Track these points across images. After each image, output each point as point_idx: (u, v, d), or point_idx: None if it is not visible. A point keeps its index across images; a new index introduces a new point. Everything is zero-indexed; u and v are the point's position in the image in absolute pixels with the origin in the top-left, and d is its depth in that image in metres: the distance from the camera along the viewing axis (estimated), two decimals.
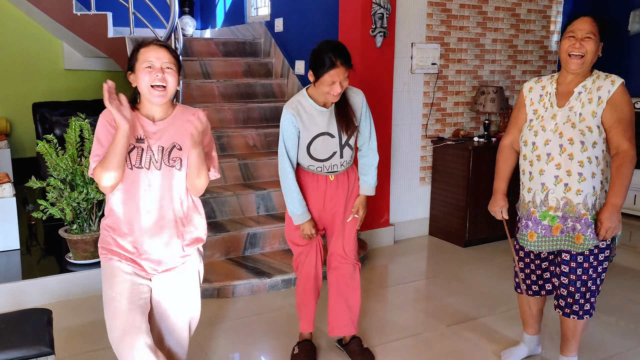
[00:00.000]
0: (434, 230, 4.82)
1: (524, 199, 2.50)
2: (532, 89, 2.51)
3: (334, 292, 2.78)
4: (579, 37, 2.29)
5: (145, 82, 1.99)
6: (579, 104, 2.33)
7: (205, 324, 3.19)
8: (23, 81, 6.56)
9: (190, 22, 7.04)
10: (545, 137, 2.37)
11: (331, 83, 2.39)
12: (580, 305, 2.45)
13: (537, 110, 2.45)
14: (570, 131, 2.31)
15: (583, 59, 2.30)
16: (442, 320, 3.30)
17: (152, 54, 2.00)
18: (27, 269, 3.66)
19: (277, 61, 5.55)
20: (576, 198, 2.32)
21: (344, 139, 2.54)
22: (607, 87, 2.30)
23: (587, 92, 2.34)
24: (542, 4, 5.07)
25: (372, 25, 4.17)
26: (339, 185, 2.65)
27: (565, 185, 2.33)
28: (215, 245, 3.86)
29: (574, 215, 2.34)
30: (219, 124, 4.84)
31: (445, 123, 4.79)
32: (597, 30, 2.29)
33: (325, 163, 2.56)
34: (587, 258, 2.38)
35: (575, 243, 2.36)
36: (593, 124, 2.30)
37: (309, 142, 2.52)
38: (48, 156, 3.42)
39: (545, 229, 2.41)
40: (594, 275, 2.40)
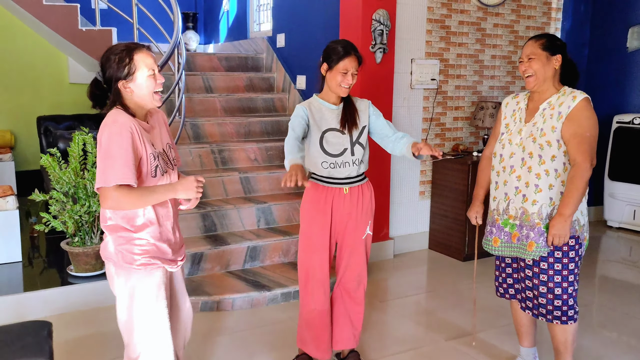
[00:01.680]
0: (433, 244, 4.84)
1: (490, 207, 2.66)
2: (508, 104, 2.68)
3: (338, 306, 2.80)
4: (524, 60, 2.48)
5: (149, 89, 2.03)
6: (542, 120, 2.46)
7: (204, 337, 3.21)
8: (28, 94, 6.64)
9: (193, 37, 7.14)
10: (510, 150, 2.54)
11: (344, 72, 2.51)
12: (547, 311, 2.52)
13: (508, 124, 2.62)
14: (531, 145, 2.46)
15: (534, 77, 2.46)
16: (441, 334, 3.31)
17: (150, 60, 2.04)
18: (29, 281, 3.69)
19: (279, 76, 5.61)
20: (532, 208, 2.46)
21: (355, 137, 2.61)
22: (568, 103, 2.41)
23: (550, 108, 2.46)
24: (541, 21, 5.13)
25: (372, 41, 4.23)
26: (352, 199, 2.67)
27: (523, 196, 2.48)
28: (216, 258, 3.89)
29: (528, 224, 2.47)
30: (221, 138, 4.89)
31: (445, 138, 4.83)
32: (541, 48, 2.45)
33: (337, 159, 2.59)
34: (552, 265, 2.47)
35: (527, 250, 2.49)
36: (552, 139, 2.41)
37: (320, 135, 2.58)
38: (51, 169, 3.47)
39: (507, 235, 2.56)
40: (558, 280, 2.47)
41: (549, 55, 2.44)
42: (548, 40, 2.47)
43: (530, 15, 5.06)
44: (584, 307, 3.68)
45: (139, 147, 2.00)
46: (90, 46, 5.58)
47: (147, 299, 2.08)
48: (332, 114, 2.61)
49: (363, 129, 2.64)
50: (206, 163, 4.59)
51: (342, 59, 2.51)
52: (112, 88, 2.03)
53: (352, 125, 2.60)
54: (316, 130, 2.59)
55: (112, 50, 2.04)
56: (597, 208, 5.85)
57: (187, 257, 3.78)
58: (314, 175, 2.68)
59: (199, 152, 4.56)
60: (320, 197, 2.65)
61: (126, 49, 2.03)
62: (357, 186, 2.68)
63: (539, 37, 2.51)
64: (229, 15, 6.75)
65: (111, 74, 2.02)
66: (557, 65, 2.46)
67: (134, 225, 2.07)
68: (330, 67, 2.55)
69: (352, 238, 2.72)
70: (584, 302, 3.77)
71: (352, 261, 2.75)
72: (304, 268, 2.73)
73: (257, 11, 6.20)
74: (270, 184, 4.57)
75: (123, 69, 2.00)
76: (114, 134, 1.94)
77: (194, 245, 3.88)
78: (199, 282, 3.74)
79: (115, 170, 1.91)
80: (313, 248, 2.69)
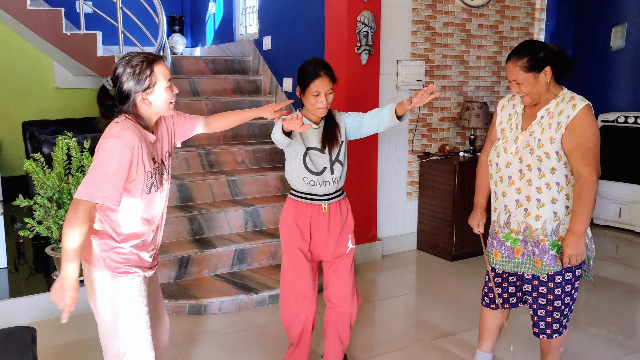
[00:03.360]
0: (421, 244, 4.86)
1: (492, 217, 2.55)
2: (504, 107, 2.53)
3: (329, 324, 2.76)
4: (512, 81, 2.32)
5: (167, 99, 2.03)
6: (539, 129, 2.32)
7: (191, 341, 3.20)
8: (13, 100, 6.58)
9: (180, 40, 7.11)
10: (506, 160, 2.40)
11: (316, 94, 2.46)
12: (547, 324, 2.43)
13: (504, 129, 2.47)
14: (529, 157, 2.32)
15: (528, 96, 2.32)
16: (428, 333, 3.32)
17: (167, 71, 2.03)
18: (14, 287, 3.65)
19: (266, 78, 5.61)
20: (535, 223, 2.34)
21: (334, 155, 2.59)
22: (568, 112, 2.26)
23: (548, 117, 2.31)
24: (525, 22, 5.17)
25: (358, 43, 4.24)
26: (331, 217, 2.65)
27: (525, 210, 2.36)
28: (203, 261, 3.88)
29: (532, 240, 2.37)
30: (207, 141, 4.87)
31: (432, 138, 4.86)
32: (525, 71, 2.27)
33: (318, 177, 2.59)
34: (552, 277, 2.37)
35: (535, 267, 2.39)
36: (551, 150, 2.28)
37: (304, 152, 2.56)
38: (35, 175, 3.44)
39: (508, 250, 2.45)
40: (560, 293, 2.38)
41: (535, 74, 2.27)
42: (530, 59, 2.26)
43: (514, 15, 5.10)
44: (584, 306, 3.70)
45: (135, 167, 1.95)
46: (75, 50, 5.55)
47: (128, 304, 2.07)
48: (314, 133, 2.57)
49: (341, 144, 2.61)
50: (193, 166, 4.57)
51: (313, 81, 2.45)
52: (127, 100, 1.98)
53: (332, 144, 2.57)
54: (300, 146, 2.56)
55: (129, 61, 1.98)
56: None
57: (174, 261, 3.76)
58: (293, 191, 2.67)
59: (186, 156, 4.55)
60: (297, 214, 2.64)
61: (146, 61, 1.98)
62: (335, 202, 2.66)
63: (518, 56, 2.28)
64: (215, 18, 6.74)
65: (130, 86, 1.96)
66: (548, 78, 2.29)
67: (121, 234, 2.06)
68: (302, 90, 2.51)
69: (334, 255, 2.69)
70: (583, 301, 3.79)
71: (338, 279, 2.70)
72: (291, 288, 2.69)
73: (244, 14, 6.19)
74: (257, 186, 4.57)
75: (144, 82, 1.97)
76: (115, 151, 1.88)
77: (181, 248, 3.86)
78: (186, 285, 3.72)
79: (104, 190, 1.88)
80: (297, 267, 2.66)
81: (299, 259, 2.65)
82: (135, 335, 2.09)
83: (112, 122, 1.98)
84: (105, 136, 1.94)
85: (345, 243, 2.70)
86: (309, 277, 2.67)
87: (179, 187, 4.27)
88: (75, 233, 1.91)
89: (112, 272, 2.06)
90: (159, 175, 2.10)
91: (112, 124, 1.97)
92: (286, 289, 2.73)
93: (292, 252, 2.67)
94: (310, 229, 2.64)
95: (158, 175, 2.09)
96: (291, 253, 2.67)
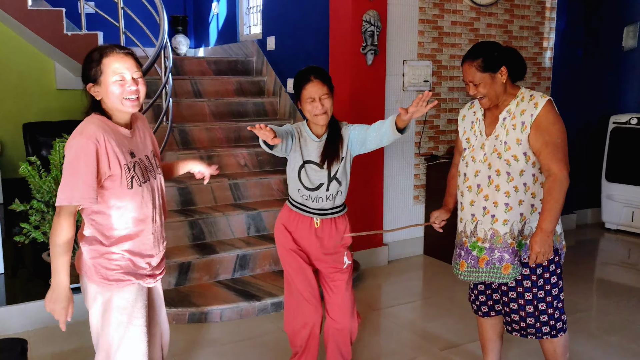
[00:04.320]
0: (428, 249, 4.74)
1: (458, 228, 2.48)
2: (465, 117, 2.49)
3: (329, 339, 2.67)
4: (468, 83, 2.29)
5: (115, 95, 1.91)
6: (504, 132, 2.28)
7: (191, 350, 3.10)
8: (15, 101, 6.50)
9: (183, 41, 7.03)
10: (475, 168, 2.35)
11: (311, 100, 2.37)
12: (536, 329, 2.39)
13: (469, 138, 2.42)
14: (497, 162, 2.28)
15: (486, 98, 2.28)
16: (435, 344, 3.21)
17: (119, 64, 1.90)
18: (10, 294, 3.56)
19: (269, 79, 5.51)
20: (503, 228, 2.29)
21: (333, 172, 2.47)
22: (530, 111, 2.22)
23: (511, 118, 2.27)
24: (535, 21, 5.05)
25: (363, 43, 4.13)
26: (325, 234, 2.54)
27: (492, 217, 2.30)
28: (204, 267, 3.78)
29: (501, 245, 2.30)
30: (210, 144, 4.78)
31: (439, 141, 4.74)
32: (480, 71, 2.24)
33: (312, 193, 2.48)
34: (535, 282, 2.33)
35: (503, 273, 2.31)
36: (519, 152, 2.24)
37: (301, 164, 2.46)
38: (31, 178, 3.36)
39: (474, 259, 2.37)
40: (543, 296, 2.34)
41: (492, 74, 2.24)
42: (484, 59, 2.23)
43: (524, 15, 4.98)
44: (582, 312, 3.59)
45: (105, 160, 1.87)
46: (76, 51, 5.47)
47: (121, 315, 1.97)
48: (315, 146, 2.47)
49: (342, 160, 2.48)
50: None
51: (304, 87, 2.38)
52: (85, 91, 1.95)
53: (331, 159, 2.45)
54: (298, 158, 2.47)
55: (90, 51, 1.95)
56: (595, 210, 5.76)
57: (174, 267, 3.67)
58: (289, 198, 2.59)
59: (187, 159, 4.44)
60: (289, 223, 2.56)
61: (98, 51, 1.93)
62: (330, 219, 2.55)
63: (473, 57, 2.26)
64: (218, 18, 6.65)
65: (84, 77, 1.94)
66: (504, 78, 2.26)
67: (111, 237, 1.96)
68: (298, 98, 2.43)
69: (328, 271, 2.60)
70: (581, 307, 3.68)
71: (335, 296, 2.60)
72: (296, 293, 2.62)
73: (247, 14, 6.10)
74: (260, 190, 4.47)
75: (90, 72, 1.91)
76: (80, 148, 1.84)
77: (182, 254, 3.76)
78: (187, 292, 3.62)
79: (79, 189, 1.82)
80: (298, 271, 2.59)
81: (297, 261, 2.57)
82: (126, 350, 2.00)
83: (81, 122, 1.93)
84: (70, 137, 1.89)
85: (340, 259, 2.59)
86: (310, 280, 2.58)
87: (179, 190, 4.17)
88: (61, 241, 1.85)
89: (104, 281, 1.97)
90: (139, 169, 1.99)
91: (78, 126, 1.92)
92: (290, 297, 2.64)
93: (289, 256, 2.58)
94: (302, 241, 2.56)
95: (139, 169, 1.99)
96: (289, 258, 2.59)
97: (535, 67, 5.16)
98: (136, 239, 2.00)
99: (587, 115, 5.48)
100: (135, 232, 2.00)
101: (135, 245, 2.01)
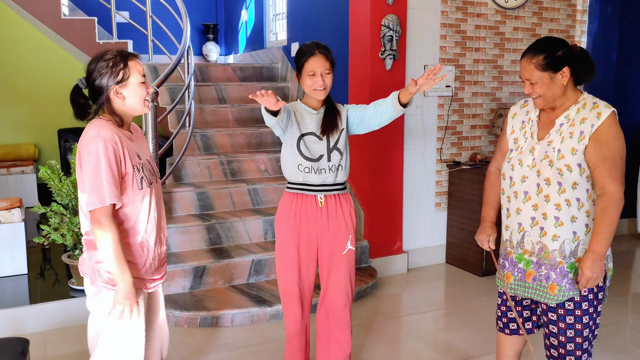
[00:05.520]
0: (450, 258, 4.63)
1: (503, 236, 2.29)
2: (515, 114, 2.29)
3: (322, 329, 2.64)
4: (525, 80, 2.10)
5: (141, 95, 2.00)
6: (559, 138, 2.08)
7: (200, 354, 3.10)
8: (51, 108, 6.73)
9: (214, 49, 7.14)
10: (522, 173, 2.14)
11: (312, 73, 2.39)
12: (575, 357, 2.16)
13: (517, 139, 2.23)
14: (548, 170, 2.07)
15: (541, 98, 2.09)
16: (447, 356, 3.11)
17: (141, 67, 2.01)
18: (32, 294, 3.66)
19: (294, 85, 5.52)
20: (552, 244, 2.08)
21: (332, 142, 2.47)
22: (592, 121, 2.03)
23: (569, 125, 2.08)
24: (565, 24, 4.89)
25: (382, 47, 4.08)
26: (330, 213, 2.51)
27: (541, 229, 2.10)
28: (219, 272, 3.79)
29: (548, 262, 2.10)
30: (231, 149, 4.81)
31: (462, 147, 4.63)
32: (540, 70, 2.04)
33: (314, 164, 2.46)
34: (579, 304, 2.10)
35: (549, 293, 2.11)
36: (573, 163, 2.04)
37: (299, 137, 2.46)
38: (50, 182, 3.44)
39: (521, 272, 2.19)
40: (587, 321, 2.12)
41: (552, 74, 2.04)
42: (546, 57, 2.03)
43: (553, 17, 4.83)
44: (614, 326, 3.42)
45: (122, 161, 1.94)
46: None
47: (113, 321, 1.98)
48: (312, 118, 2.49)
49: (341, 132, 2.50)
50: (215, 174, 4.51)
51: (307, 61, 2.40)
52: (100, 95, 1.96)
53: (331, 129, 2.47)
54: (295, 132, 2.46)
55: (102, 56, 1.98)
56: (631, 220, 5.51)
57: (189, 270, 3.69)
58: (288, 184, 2.56)
59: (208, 164, 4.49)
60: (292, 208, 2.52)
61: (119, 55, 1.99)
62: (334, 195, 2.52)
63: (534, 53, 2.06)
64: (247, 25, 6.72)
65: (104, 80, 1.95)
66: (566, 80, 2.05)
67: None
68: (299, 72, 2.45)
69: (330, 254, 2.56)
70: (615, 320, 3.51)
71: (333, 279, 2.58)
72: (281, 284, 2.62)
73: (274, 20, 6.14)
74: (279, 195, 4.46)
75: (117, 74, 1.95)
76: (102, 151, 1.88)
77: (197, 258, 3.79)
78: (200, 296, 3.64)
79: (109, 190, 1.88)
80: (286, 263, 2.57)
81: (287, 253, 2.54)
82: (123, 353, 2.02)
83: (87, 126, 1.95)
84: (84, 143, 1.92)
85: (343, 244, 2.54)
86: (295, 273, 2.55)
87: (198, 195, 4.21)
88: (109, 243, 1.89)
89: (106, 285, 1.99)
90: (147, 170, 2.05)
91: (87, 128, 1.95)
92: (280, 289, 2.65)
93: (282, 245, 2.57)
94: (304, 224, 2.51)
95: (146, 170, 2.05)
96: (281, 246, 2.57)
97: None
98: (139, 241, 2.03)
99: (622, 122, 5.21)
100: (139, 234, 2.03)
101: (133, 249, 2.03)
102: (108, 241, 1.89)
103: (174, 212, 4.13)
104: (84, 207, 1.97)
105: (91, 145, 1.88)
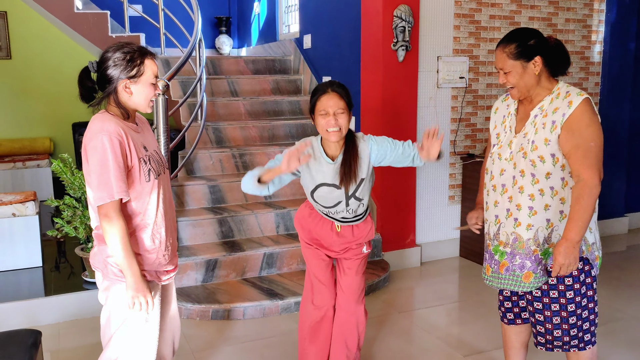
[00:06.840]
0: (464, 251, 4.58)
1: (484, 230, 2.33)
2: (497, 109, 2.32)
3: (336, 327, 2.62)
4: (499, 70, 2.12)
5: (149, 95, 2.00)
6: (533, 130, 2.11)
7: (211, 347, 3.11)
8: (66, 102, 6.77)
9: (226, 42, 7.13)
10: (500, 167, 2.19)
11: (324, 114, 2.25)
12: (563, 342, 2.19)
13: (499, 134, 2.26)
14: (522, 162, 2.11)
15: (515, 89, 2.11)
16: (459, 349, 3.08)
17: (156, 68, 2.01)
18: (46, 286, 3.70)
19: (306, 78, 5.49)
20: (526, 233, 2.12)
21: (351, 191, 2.35)
22: (563, 110, 2.04)
23: (542, 115, 2.10)
24: (582, 13, 4.79)
25: (394, 38, 4.03)
26: (346, 235, 2.48)
27: (515, 220, 2.14)
28: (231, 265, 3.79)
29: (523, 252, 2.13)
30: (244, 142, 4.80)
31: (476, 139, 4.57)
32: (512, 58, 2.07)
33: (330, 209, 2.42)
34: (563, 293, 2.13)
35: (524, 282, 2.14)
36: (546, 153, 2.06)
37: (313, 188, 2.37)
38: (63, 175, 3.46)
39: (496, 264, 2.22)
40: (574, 309, 2.14)
41: (524, 63, 2.07)
42: (518, 45, 2.06)
43: (569, 7, 4.73)
44: (624, 321, 3.36)
45: (128, 154, 1.93)
46: None
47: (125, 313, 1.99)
48: (329, 168, 2.33)
49: (361, 182, 2.35)
50: (227, 167, 4.51)
51: (319, 99, 2.27)
52: (107, 85, 1.94)
53: (348, 181, 2.31)
54: (309, 183, 2.37)
55: (121, 47, 1.96)
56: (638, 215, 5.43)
57: (201, 263, 3.70)
58: None
59: (220, 157, 4.49)
60: (308, 219, 2.51)
61: (139, 51, 1.97)
62: (352, 225, 2.48)
63: (506, 42, 2.10)
64: (260, 18, 6.70)
65: (116, 71, 1.92)
66: (538, 69, 2.08)
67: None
68: (312, 111, 2.33)
69: (344, 256, 2.56)
70: (619, 315, 3.44)
71: (343, 278, 2.56)
72: (310, 267, 2.61)
73: (286, 13, 6.10)
74: (291, 188, 4.44)
75: (132, 69, 1.93)
76: (107, 145, 1.87)
77: (209, 251, 3.79)
78: (212, 289, 3.65)
79: (117, 185, 1.88)
80: (310, 248, 2.58)
81: (315, 251, 2.55)
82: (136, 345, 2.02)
83: (91, 120, 1.94)
84: (89, 137, 1.91)
85: (359, 251, 2.54)
86: (326, 266, 2.56)
87: (210, 188, 4.21)
88: (116, 237, 1.89)
89: (116, 278, 1.99)
90: (154, 162, 2.04)
91: (91, 122, 1.93)
92: (307, 280, 2.63)
93: (307, 247, 2.58)
94: (321, 240, 2.52)
95: (154, 162, 2.04)
96: (306, 248, 2.58)
97: (583, 62, 4.89)
98: (150, 233, 2.03)
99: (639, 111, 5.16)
100: (150, 226, 2.03)
101: (144, 241, 2.02)
102: (116, 235, 1.89)
103: (186, 205, 4.13)
104: (92, 201, 1.97)
105: (96, 139, 1.87)
